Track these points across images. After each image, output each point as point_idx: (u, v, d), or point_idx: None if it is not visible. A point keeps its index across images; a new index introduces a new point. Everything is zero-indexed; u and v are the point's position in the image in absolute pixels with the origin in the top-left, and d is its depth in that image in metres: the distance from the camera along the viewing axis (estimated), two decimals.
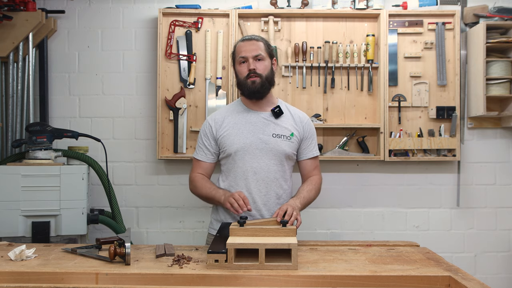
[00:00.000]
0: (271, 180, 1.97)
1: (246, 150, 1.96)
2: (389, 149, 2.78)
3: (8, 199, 2.29)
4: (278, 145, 1.97)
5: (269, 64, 2.00)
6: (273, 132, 1.98)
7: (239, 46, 2.00)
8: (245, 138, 1.97)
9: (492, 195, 2.93)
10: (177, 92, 2.82)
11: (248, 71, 1.95)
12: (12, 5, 2.64)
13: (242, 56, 1.97)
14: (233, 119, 2.02)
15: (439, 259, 1.65)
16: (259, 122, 1.99)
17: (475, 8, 2.86)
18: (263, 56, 1.97)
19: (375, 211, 2.93)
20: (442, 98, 2.85)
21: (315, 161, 2.08)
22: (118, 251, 1.55)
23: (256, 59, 1.96)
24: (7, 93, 2.75)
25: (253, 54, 1.95)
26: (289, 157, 2.01)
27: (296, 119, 2.05)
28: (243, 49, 1.97)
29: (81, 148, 2.61)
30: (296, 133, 2.02)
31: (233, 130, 1.99)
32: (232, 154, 1.98)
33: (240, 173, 1.97)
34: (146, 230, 2.93)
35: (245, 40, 2.00)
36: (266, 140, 1.97)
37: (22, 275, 1.45)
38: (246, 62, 1.97)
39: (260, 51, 1.97)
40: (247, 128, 1.99)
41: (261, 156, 1.96)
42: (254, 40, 1.99)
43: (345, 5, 2.81)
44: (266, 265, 1.47)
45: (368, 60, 2.82)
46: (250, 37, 2.01)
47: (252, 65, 1.95)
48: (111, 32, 2.91)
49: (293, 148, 2.01)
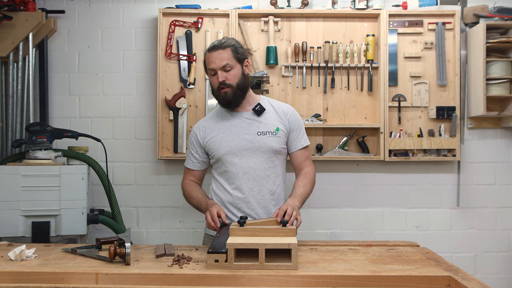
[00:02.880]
0: (262, 178, 1.98)
1: (233, 152, 1.97)
2: (389, 149, 2.78)
3: (8, 199, 2.30)
4: (264, 142, 1.97)
5: (239, 70, 1.96)
6: (257, 130, 1.99)
7: (207, 57, 1.96)
8: (231, 140, 1.98)
9: (492, 195, 2.93)
10: (177, 92, 2.82)
11: (219, 83, 1.93)
12: (12, 5, 2.64)
13: (210, 68, 1.94)
14: (217, 124, 2.04)
15: (439, 259, 1.65)
16: (243, 123, 2.00)
17: (475, 8, 2.86)
18: (231, 65, 1.92)
19: (375, 211, 2.93)
20: (442, 98, 2.85)
21: (305, 152, 2.07)
22: (118, 251, 1.55)
23: (224, 70, 1.92)
24: (7, 93, 2.75)
25: (221, 65, 1.91)
26: (277, 152, 2.01)
27: (280, 112, 2.04)
28: (211, 61, 1.93)
29: (81, 148, 2.61)
30: (281, 127, 2.01)
31: (218, 135, 2.01)
32: (220, 158, 1.99)
33: (231, 174, 1.99)
34: (146, 230, 2.93)
35: (211, 50, 1.94)
36: (251, 139, 1.97)
37: (22, 275, 1.45)
38: (215, 74, 1.93)
39: (227, 60, 1.91)
40: (231, 130, 2.00)
41: (249, 156, 1.97)
42: (220, 49, 1.92)
43: (345, 5, 2.82)
44: (266, 265, 1.47)
45: (368, 60, 2.82)
46: (216, 46, 1.94)
47: (221, 77, 1.91)
48: (111, 32, 2.92)
49: (281, 143, 2.01)
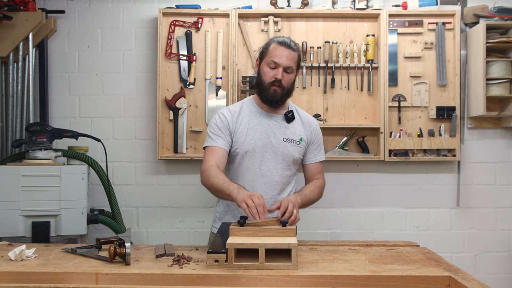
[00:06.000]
0: (277, 184, 1.96)
1: (257, 152, 1.94)
2: (389, 149, 2.78)
3: (8, 199, 2.30)
4: (287, 150, 1.96)
5: (294, 76, 1.95)
6: (284, 136, 1.96)
7: (274, 47, 1.90)
8: (257, 139, 1.94)
9: (492, 195, 2.93)
10: (177, 92, 2.82)
11: (274, 79, 1.90)
12: (12, 5, 2.64)
13: (274, 60, 1.89)
14: (246, 118, 1.98)
15: (439, 259, 1.65)
16: (272, 125, 1.97)
17: (475, 8, 2.86)
18: (293, 69, 1.91)
19: (375, 211, 2.93)
20: (442, 98, 2.85)
21: (319, 166, 2.06)
22: (118, 251, 1.55)
23: (286, 71, 1.90)
24: (7, 93, 2.75)
25: (286, 65, 1.89)
26: (296, 161, 2.00)
27: (305, 123, 2.03)
28: (278, 54, 1.88)
29: (81, 148, 2.61)
30: (304, 138, 2.00)
31: (245, 130, 1.96)
32: (241, 154, 1.95)
33: (248, 174, 1.95)
34: (146, 230, 2.93)
35: (283, 45, 1.90)
36: (276, 143, 1.95)
37: (22, 275, 1.44)
38: (275, 68, 1.89)
39: (292, 63, 1.90)
40: (260, 129, 1.96)
41: (270, 159, 1.95)
42: (291, 50, 1.90)
43: (345, 5, 2.82)
44: (266, 265, 1.47)
45: (368, 60, 2.82)
46: (288, 44, 1.90)
47: (281, 75, 1.89)
48: (111, 32, 2.92)
49: (301, 153, 2.00)
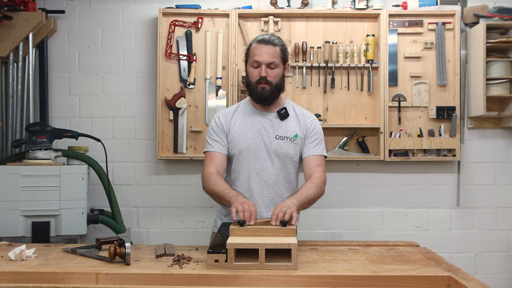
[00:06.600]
0: (273, 182, 1.96)
1: (250, 151, 1.94)
2: (389, 149, 2.78)
3: (8, 199, 2.29)
4: (280, 147, 1.95)
5: (281, 71, 1.93)
6: (277, 133, 1.96)
7: (255, 48, 1.91)
8: (250, 139, 1.95)
9: (492, 195, 2.93)
10: (177, 92, 2.82)
11: (259, 77, 1.90)
12: (12, 5, 2.64)
13: (255, 60, 1.89)
14: (240, 119, 2.00)
15: (439, 259, 1.65)
16: (265, 123, 1.97)
17: (475, 8, 2.86)
18: (276, 63, 1.90)
19: (375, 211, 2.93)
20: (442, 98, 2.85)
21: (316, 159, 1.96)
22: (118, 251, 1.55)
23: (269, 67, 1.89)
24: (7, 93, 2.75)
25: (267, 61, 1.88)
26: (292, 159, 1.97)
27: (300, 118, 2.01)
28: (258, 52, 1.88)
29: (81, 148, 2.61)
30: (299, 133, 1.98)
31: (239, 130, 1.97)
32: (236, 155, 1.96)
33: (243, 174, 1.96)
34: (146, 230, 2.93)
35: (262, 43, 1.89)
36: (269, 142, 1.95)
37: (22, 275, 1.44)
38: (258, 67, 1.90)
39: (275, 58, 1.89)
40: (253, 128, 1.97)
41: (264, 158, 1.95)
42: (271, 45, 1.89)
43: (345, 5, 2.82)
44: (266, 265, 1.47)
45: (368, 60, 2.82)
46: (268, 40, 1.89)
47: (264, 72, 1.88)
48: (111, 32, 2.91)
49: (297, 150, 1.98)
